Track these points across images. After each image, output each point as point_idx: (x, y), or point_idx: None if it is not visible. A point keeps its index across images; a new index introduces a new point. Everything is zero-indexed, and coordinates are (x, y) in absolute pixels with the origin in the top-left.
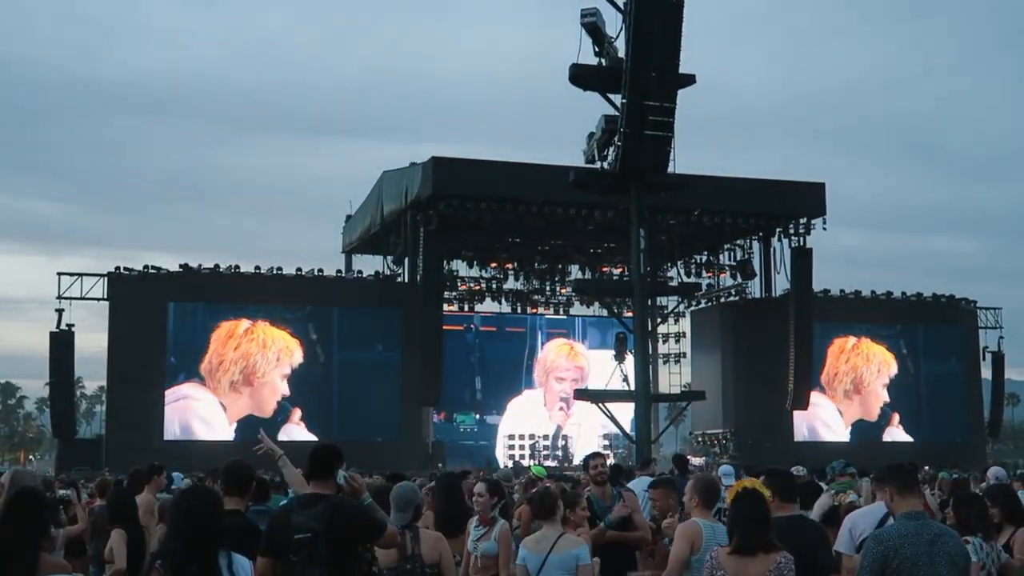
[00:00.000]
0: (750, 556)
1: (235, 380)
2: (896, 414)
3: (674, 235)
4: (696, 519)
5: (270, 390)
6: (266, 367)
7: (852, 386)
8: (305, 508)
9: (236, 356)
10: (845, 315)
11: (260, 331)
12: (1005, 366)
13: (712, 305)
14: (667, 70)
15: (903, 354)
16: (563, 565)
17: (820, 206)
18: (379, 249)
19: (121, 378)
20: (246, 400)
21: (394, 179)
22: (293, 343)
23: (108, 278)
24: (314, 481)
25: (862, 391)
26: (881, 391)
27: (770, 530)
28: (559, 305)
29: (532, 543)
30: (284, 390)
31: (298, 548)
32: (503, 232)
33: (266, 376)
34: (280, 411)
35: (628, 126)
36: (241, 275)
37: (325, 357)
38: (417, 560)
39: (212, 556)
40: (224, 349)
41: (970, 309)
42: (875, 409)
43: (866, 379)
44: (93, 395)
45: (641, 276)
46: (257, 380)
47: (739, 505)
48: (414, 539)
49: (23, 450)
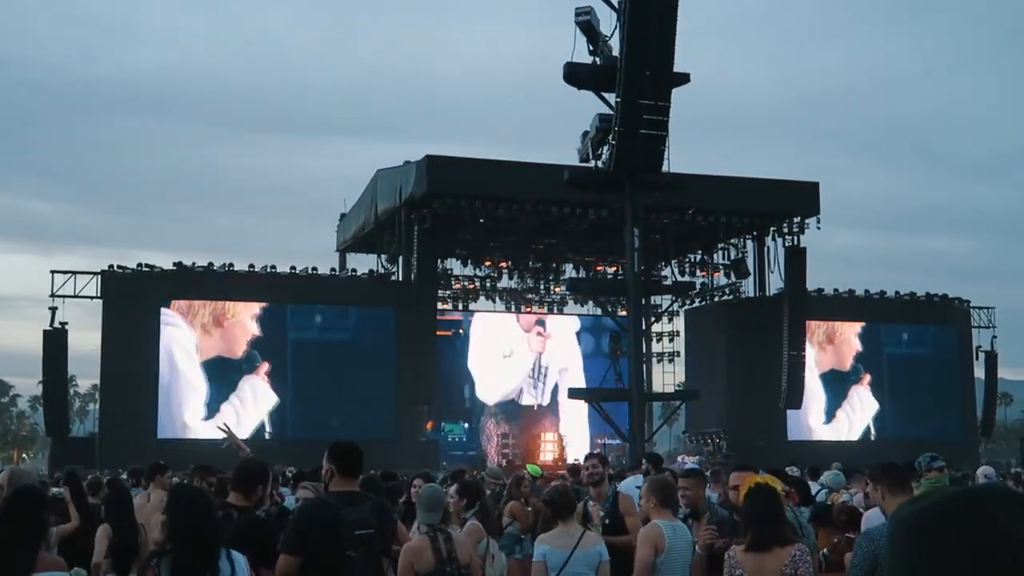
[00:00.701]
0: (766, 552)
1: (205, 322)
2: (868, 374)
3: (668, 234)
4: (656, 520)
5: (241, 329)
6: (235, 308)
7: (825, 337)
8: (351, 505)
9: (203, 303)
10: (839, 314)
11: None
12: (998, 366)
13: (706, 304)
14: (661, 69)
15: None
16: (588, 561)
17: (814, 205)
18: (373, 248)
19: (114, 377)
20: (216, 340)
21: (388, 178)
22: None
23: (102, 276)
24: (347, 478)
25: (835, 340)
26: (854, 340)
27: (784, 524)
28: (553, 304)
29: (553, 539)
30: (255, 330)
31: (359, 543)
32: (497, 231)
33: (236, 316)
34: (248, 359)
35: (623, 125)
36: (235, 274)
37: (318, 353)
38: (455, 563)
39: (210, 554)
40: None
41: (964, 309)
42: (847, 360)
43: (838, 329)
44: (86, 393)
45: (635, 275)
46: (227, 320)
47: (752, 501)
48: (447, 541)
49: (16, 448)
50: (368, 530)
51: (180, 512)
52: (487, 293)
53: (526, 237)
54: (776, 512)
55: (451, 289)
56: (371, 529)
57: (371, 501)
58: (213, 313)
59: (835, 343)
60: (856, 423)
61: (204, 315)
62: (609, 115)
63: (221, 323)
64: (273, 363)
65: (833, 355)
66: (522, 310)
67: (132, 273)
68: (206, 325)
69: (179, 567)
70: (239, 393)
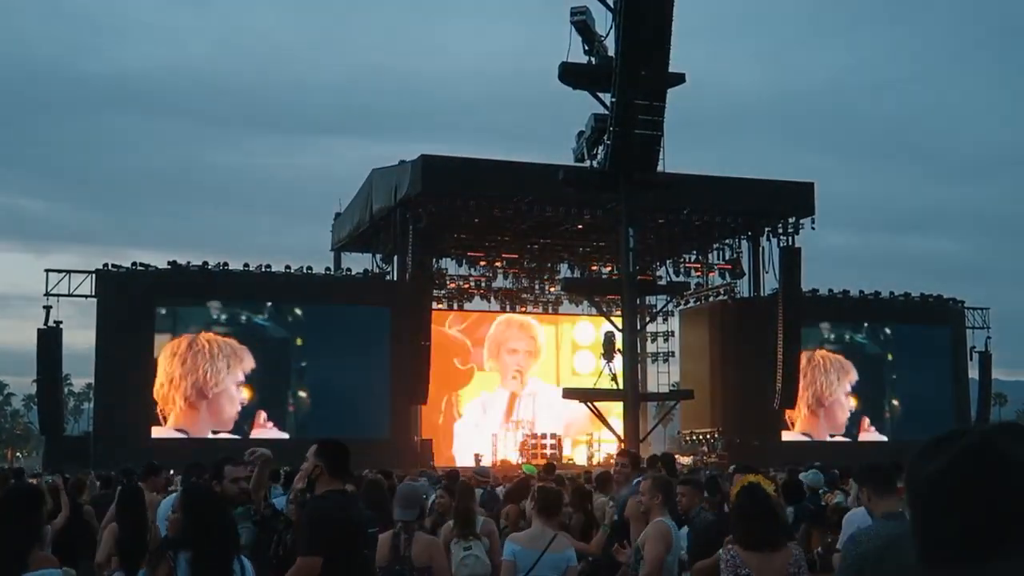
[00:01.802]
0: (773, 551)
1: (188, 395)
2: (865, 418)
3: (663, 234)
4: (662, 519)
5: (227, 399)
6: (217, 377)
7: (815, 400)
8: (352, 503)
9: (184, 371)
10: (833, 315)
11: (204, 342)
12: (992, 366)
13: (701, 304)
14: (657, 69)
15: (892, 354)
16: (555, 565)
17: (809, 206)
18: (368, 247)
19: (109, 375)
20: (204, 414)
21: (384, 177)
22: (241, 349)
23: (96, 275)
24: (340, 478)
25: (825, 403)
26: (845, 400)
27: (776, 523)
28: (548, 304)
29: (525, 539)
30: (242, 397)
31: (371, 542)
32: (492, 230)
33: (219, 385)
34: (243, 418)
35: (618, 125)
36: (229, 273)
37: (313, 353)
38: (407, 562)
39: (227, 551)
40: (172, 368)
41: (958, 309)
42: (842, 420)
43: (826, 391)
44: (81, 392)
45: (630, 275)
46: (211, 391)
47: (749, 500)
48: (408, 540)
49: (10, 447)
50: (375, 528)
51: (197, 511)
52: (482, 293)
53: (521, 237)
54: (768, 511)
55: (446, 289)
56: (376, 528)
57: (362, 501)
58: (195, 385)
59: (826, 406)
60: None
61: (186, 387)
62: (604, 115)
63: (205, 394)
64: (268, 363)
65: (826, 420)
66: (517, 310)
67: (126, 272)
68: (190, 399)
69: (200, 559)
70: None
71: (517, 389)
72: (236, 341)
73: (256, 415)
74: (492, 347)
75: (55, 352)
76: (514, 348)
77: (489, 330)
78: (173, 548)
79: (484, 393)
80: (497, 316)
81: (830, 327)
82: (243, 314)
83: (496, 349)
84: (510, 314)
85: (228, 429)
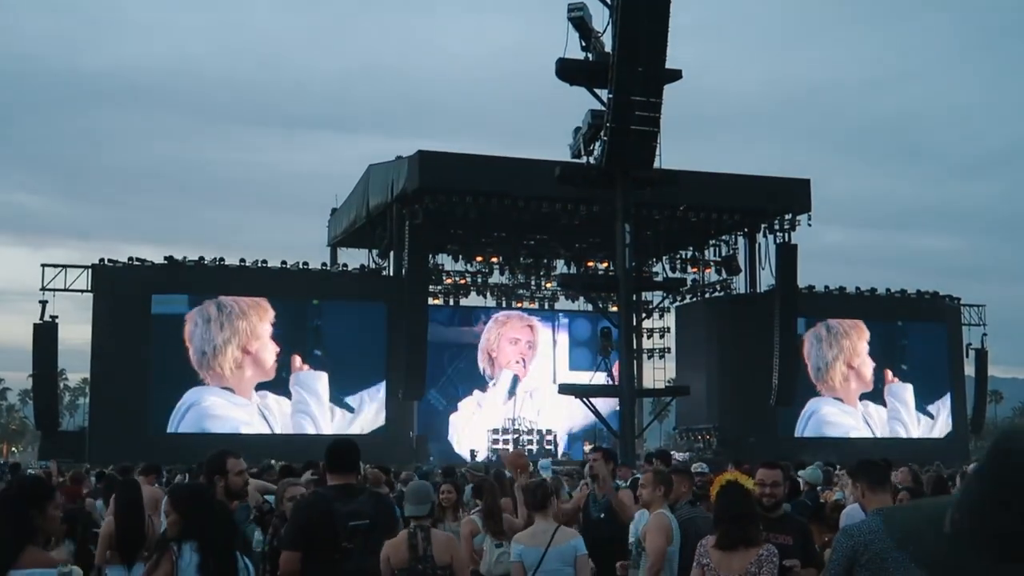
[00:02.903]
0: (732, 551)
1: (236, 357)
2: (887, 370)
3: (659, 230)
4: (662, 511)
5: (265, 350)
6: (252, 330)
7: (846, 366)
8: (348, 497)
9: (225, 334)
10: (830, 312)
11: (230, 303)
12: (988, 363)
13: (697, 300)
14: (654, 65)
15: (887, 352)
16: (562, 557)
17: (805, 202)
18: (364, 243)
19: (104, 370)
20: (249, 370)
21: (380, 173)
22: (261, 300)
23: (92, 270)
24: (339, 474)
25: (853, 364)
26: (867, 359)
27: (751, 524)
28: (544, 300)
29: (527, 537)
30: (276, 348)
31: (353, 535)
32: (489, 226)
33: (260, 339)
34: (282, 367)
35: (614, 121)
36: (226, 268)
37: (310, 349)
38: (428, 561)
39: (230, 544)
40: (210, 333)
41: (954, 306)
42: (868, 377)
43: (853, 355)
44: (76, 387)
45: (626, 271)
46: (252, 346)
47: (721, 500)
48: (425, 539)
49: (6, 442)
50: (363, 521)
51: (187, 507)
52: (478, 289)
53: (518, 233)
54: (744, 511)
55: (442, 284)
56: (367, 520)
57: (368, 493)
58: (240, 345)
59: (855, 367)
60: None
61: (233, 349)
62: (601, 111)
63: (248, 350)
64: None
65: (857, 381)
66: (513, 306)
67: (122, 267)
68: (238, 360)
69: (202, 549)
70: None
71: (521, 372)
72: (250, 297)
73: (291, 359)
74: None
75: (51, 347)
76: (516, 337)
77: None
78: (177, 542)
79: (477, 392)
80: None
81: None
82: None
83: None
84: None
85: (271, 378)
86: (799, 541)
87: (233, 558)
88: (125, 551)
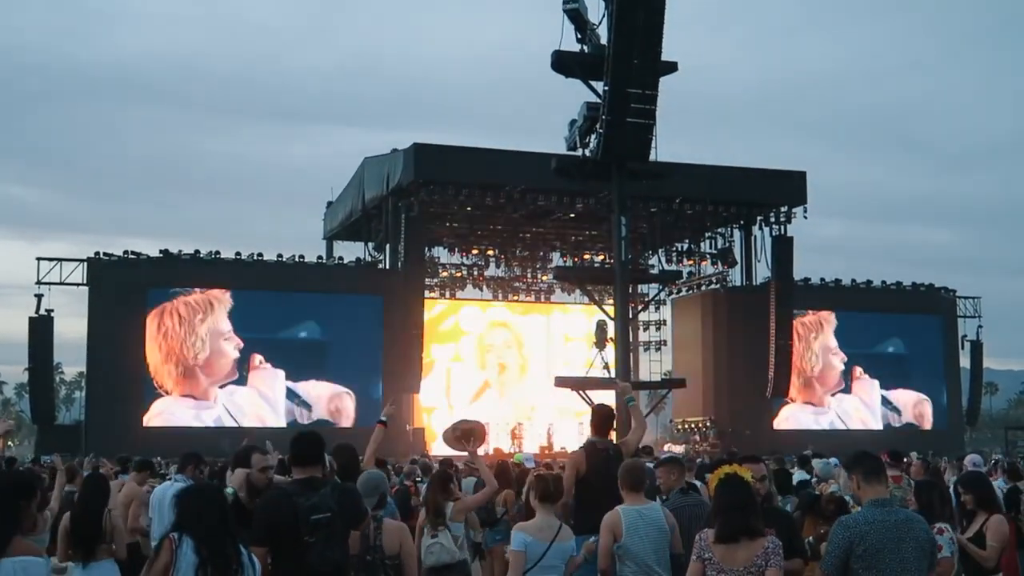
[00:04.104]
0: (735, 543)
1: (180, 365)
2: (856, 367)
3: (655, 223)
4: (618, 507)
5: (217, 354)
6: (196, 338)
7: (822, 366)
8: (310, 490)
9: (169, 344)
10: (826, 304)
11: (174, 307)
12: (984, 355)
13: (693, 293)
14: (649, 57)
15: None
16: (562, 555)
17: (801, 195)
18: (360, 236)
19: (100, 364)
20: (201, 377)
21: (376, 166)
22: (218, 292)
23: (88, 263)
24: (302, 467)
25: (813, 372)
26: (832, 359)
27: (753, 515)
28: (540, 292)
29: (534, 530)
30: (233, 352)
31: (315, 529)
32: (484, 219)
33: (204, 348)
34: (239, 366)
35: (610, 113)
36: (222, 261)
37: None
38: (378, 551)
39: (229, 541)
40: (158, 341)
41: (949, 298)
42: (836, 379)
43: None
44: (72, 381)
45: (622, 263)
46: (198, 356)
47: (720, 492)
48: (376, 529)
49: (2, 436)
50: (324, 514)
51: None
52: (474, 281)
53: (513, 225)
54: (745, 502)
55: (438, 277)
56: (327, 513)
57: (331, 485)
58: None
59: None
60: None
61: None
62: (597, 103)
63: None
64: (261, 352)
65: (819, 385)
66: (509, 299)
67: (118, 260)
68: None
69: (201, 541)
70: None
71: (492, 378)
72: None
73: (251, 359)
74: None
75: (47, 340)
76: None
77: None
78: (178, 532)
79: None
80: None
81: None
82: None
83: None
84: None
85: (233, 379)
86: (784, 534)
87: (232, 551)
88: (78, 546)
